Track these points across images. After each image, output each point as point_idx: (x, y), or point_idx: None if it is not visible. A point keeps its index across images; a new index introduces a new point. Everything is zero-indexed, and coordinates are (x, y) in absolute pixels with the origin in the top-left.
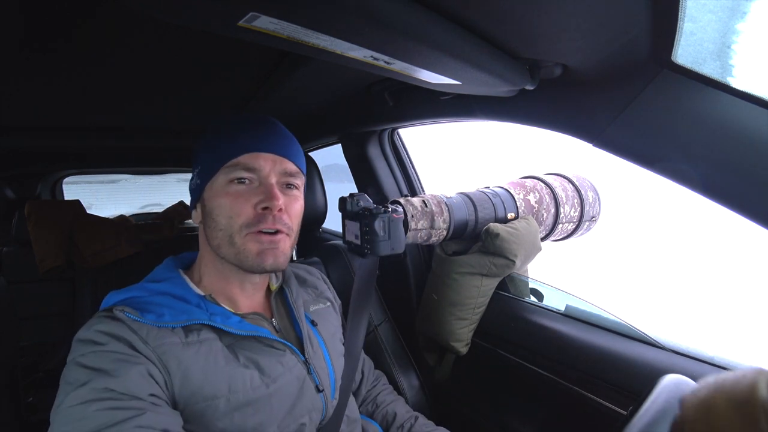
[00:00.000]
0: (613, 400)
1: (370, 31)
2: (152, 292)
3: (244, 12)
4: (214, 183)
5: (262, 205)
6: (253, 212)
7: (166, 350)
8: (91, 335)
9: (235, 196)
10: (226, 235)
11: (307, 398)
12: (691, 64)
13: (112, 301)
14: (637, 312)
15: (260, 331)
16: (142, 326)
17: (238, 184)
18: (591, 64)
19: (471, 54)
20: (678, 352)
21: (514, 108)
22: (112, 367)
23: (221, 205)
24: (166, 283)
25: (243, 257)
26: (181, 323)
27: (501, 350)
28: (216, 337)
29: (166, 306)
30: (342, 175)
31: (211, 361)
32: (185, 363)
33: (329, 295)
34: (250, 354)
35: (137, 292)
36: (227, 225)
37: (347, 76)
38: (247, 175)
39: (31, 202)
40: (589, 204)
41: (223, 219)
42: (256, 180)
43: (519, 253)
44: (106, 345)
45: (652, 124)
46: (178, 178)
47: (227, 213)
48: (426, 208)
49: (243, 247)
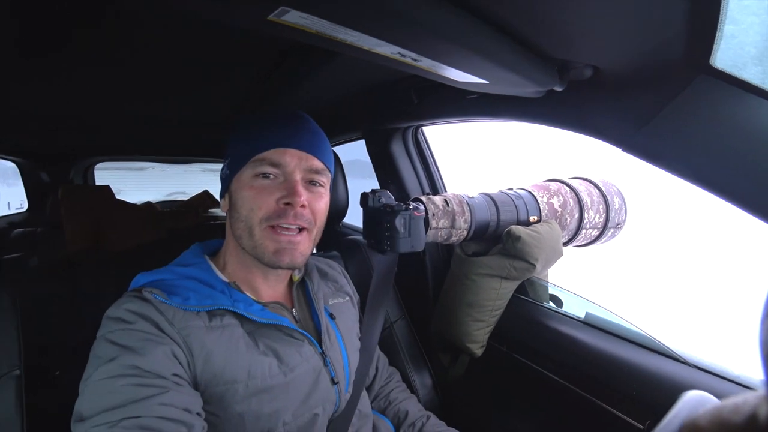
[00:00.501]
0: (629, 412)
1: (400, 28)
2: (179, 276)
3: (275, 6)
4: (241, 175)
5: (284, 200)
6: (274, 206)
7: (191, 332)
8: (121, 313)
9: (258, 190)
10: (246, 226)
11: (322, 389)
12: (730, 69)
13: (141, 282)
14: (663, 323)
15: (281, 320)
16: (168, 308)
17: (263, 178)
18: (623, 66)
19: (500, 53)
20: (702, 369)
21: (540, 109)
22: (139, 346)
23: (245, 197)
24: (193, 267)
25: (260, 252)
26: (205, 307)
27: (516, 354)
28: (238, 323)
29: (192, 290)
30: (364, 171)
31: (232, 346)
32: (208, 346)
33: (348, 290)
34: (270, 342)
35: (165, 275)
36: (248, 216)
37: (373, 72)
38: (272, 170)
39: (65, 186)
40: (615, 210)
41: (244, 210)
42: (281, 175)
43: (540, 257)
44: (134, 324)
45: (686, 130)
46: (203, 168)
47: (249, 205)
48: (447, 207)
49: (261, 242)
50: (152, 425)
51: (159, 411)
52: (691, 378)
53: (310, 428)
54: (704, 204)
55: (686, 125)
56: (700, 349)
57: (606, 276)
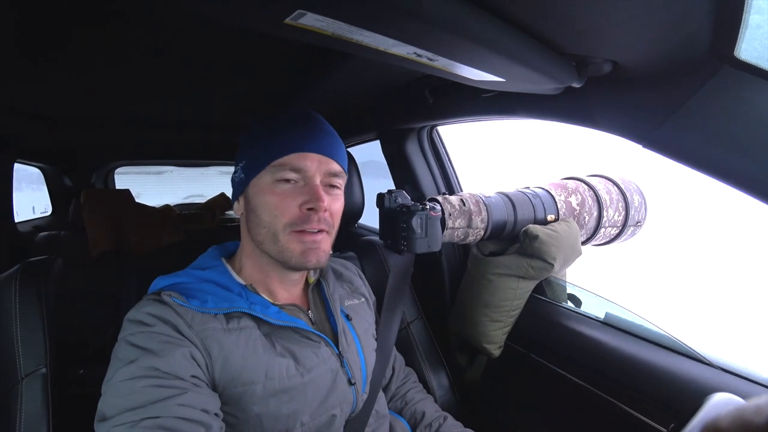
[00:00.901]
0: (652, 415)
1: (416, 28)
2: (197, 279)
3: (292, 9)
4: (260, 180)
5: (307, 206)
6: (297, 212)
7: (209, 335)
8: (141, 316)
9: (281, 196)
10: (269, 232)
11: (340, 390)
12: (756, 60)
13: (160, 285)
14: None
15: (297, 323)
16: (187, 311)
17: (284, 183)
18: (644, 60)
19: (517, 50)
20: (728, 371)
21: (558, 106)
22: (159, 348)
23: (267, 203)
24: (210, 271)
25: (287, 256)
26: (223, 310)
27: (534, 355)
28: (255, 325)
29: (209, 293)
30: (378, 171)
31: (250, 348)
32: (226, 348)
33: (364, 291)
34: (287, 344)
35: (184, 278)
36: (271, 223)
37: (388, 72)
38: (293, 175)
39: (87, 191)
40: (635, 208)
41: (267, 216)
42: (301, 180)
43: (558, 257)
44: (154, 327)
45: (709, 124)
46: (219, 171)
47: (272, 211)
48: (464, 206)
49: (287, 246)
50: (171, 425)
51: (178, 411)
52: (717, 380)
53: (327, 429)
54: (729, 201)
55: (710, 119)
56: (726, 350)
57: (628, 275)
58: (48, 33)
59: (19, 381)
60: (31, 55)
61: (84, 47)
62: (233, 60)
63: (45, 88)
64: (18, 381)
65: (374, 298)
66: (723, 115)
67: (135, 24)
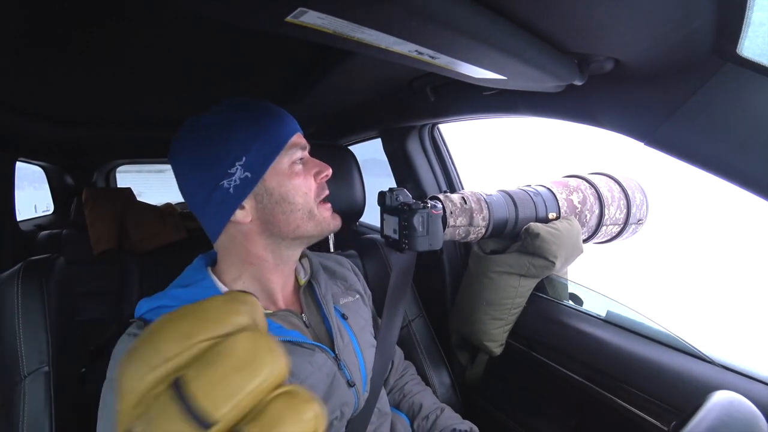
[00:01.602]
0: (653, 413)
1: (417, 26)
2: (180, 301)
3: (293, 7)
4: (278, 167)
5: (321, 176)
6: (315, 184)
7: None
8: (122, 349)
9: (303, 175)
10: (305, 211)
11: (339, 394)
12: (758, 57)
13: (143, 309)
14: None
15: (289, 335)
16: None
17: (298, 163)
18: (646, 58)
19: (518, 48)
20: (729, 369)
21: (560, 104)
22: None
23: (295, 185)
24: (193, 288)
25: (326, 225)
26: None
27: (536, 353)
28: None
29: None
30: (379, 170)
31: None
32: None
33: (359, 287)
34: None
35: (165, 301)
36: (305, 202)
37: (389, 70)
38: (303, 154)
39: (88, 189)
40: (636, 206)
41: (299, 197)
42: (303, 156)
43: (559, 255)
44: None
45: (712, 121)
46: None
47: (303, 190)
48: (465, 205)
49: (322, 216)
50: None
51: None
52: (719, 378)
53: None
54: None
55: (712, 117)
56: (728, 348)
57: (630, 273)
58: (49, 32)
59: (22, 379)
60: (33, 54)
61: (85, 46)
62: (234, 59)
63: (46, 87)
64: (21, 379)
65: (369, 293)
66: (725, 112)
67: (136, 23)
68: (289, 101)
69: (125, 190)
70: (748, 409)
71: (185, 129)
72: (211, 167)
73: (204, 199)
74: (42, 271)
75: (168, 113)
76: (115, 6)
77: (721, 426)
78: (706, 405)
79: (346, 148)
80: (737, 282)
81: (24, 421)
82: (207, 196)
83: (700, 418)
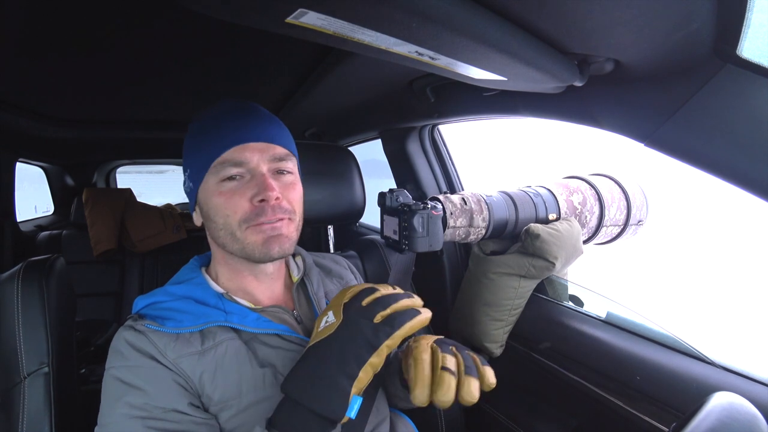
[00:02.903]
0: (654, 414)
1: (418, 27)
2: (174, 297)
3: (293, 8)
4: (206, 185)
5: (257, 198)
6: (249, 206)
7: (183, 360)
8: (120, 345)
9: (228, 195)
10: (227, 233)
11: None
12: (758, 59)
13: (140, 305)
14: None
15: (278, 328)
16: (161, 337)
17: (230, 181)
18: (646, 59)
19: (518, 49)
20: (729, 370)
21: (560, 105)
22: (143, 383)
23: (217, 205)
24: (187, 284)
25: (249, 250)
26: (198, 327)
27: (536, 354)
28: (234, 335)
29: (185, 311)
30: (379, 171)
31: (225, 365)
32: (200, 371)
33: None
34: (268, 350)
35: (161, 297)
36: (225, 223)
37: (389, 71)
38: (236, 170)
39: (88, 189)
40: (636, 207)
41: (220, 218)
42: (246, 173)
43: (559, 256)
44: (132, 359)
45: (711, 122)
46: None
47: (223, 212)
48: (465, 205)
49: (246, 240)
50: None
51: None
52: (718, 379)
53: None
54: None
55: (712, 118)
56: (728, 350)
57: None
58: (50, 33)
59: (22, 380)
60: (33, 55)
61: (85, 47)
62: (235, 60)
63: (47, 88)
64: (21, 380)
65: None
66: (726, 113)
67: (136, 24)
68: (289, 101)
69: (125, 190)
70: (748, 411)
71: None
72: (184, 170)
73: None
74: (42, 271)
75: (168, 114)
76: (115, 7)
77: (721, 427)
78: (706, 406)
79: (346, 148)
80: (737, 283)
81: (24, 422)
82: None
83: (700, 419)
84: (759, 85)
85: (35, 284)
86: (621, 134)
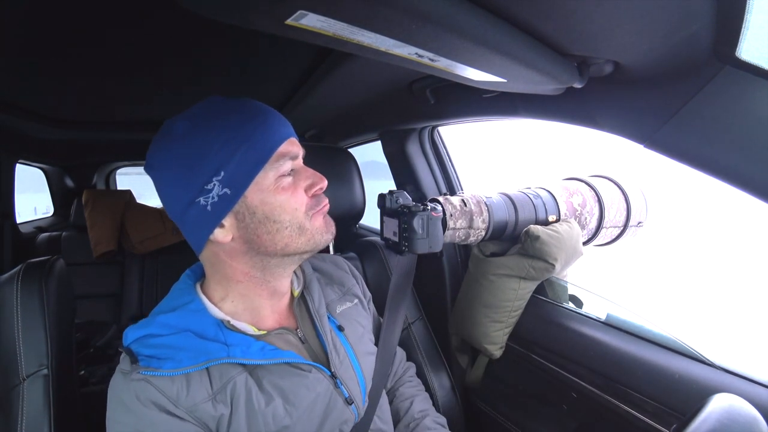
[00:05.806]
0: (654, 416)
1: (418, 28)
2: (169, 330)
3: (293, 10)
4: (262, 183)
5: (313, 189)
6: (307, 198)
7: (198, 409)
8: (124, 396)
9: (291, 190)
10: (294, 228)
11: (337, 413)
12: (757, 60)
13: (131, 338)
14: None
15: (285, 356)
16: (167, 383)
17: (285, 177)
18: (645, 61)
19: (518, 51)
20: (729, 371)
21: (560, 107)
22: None
23: (282, 202)
24: (181, 311)
25: (318, 237)
26: (199, 366)
27: (536, 356)
28: (240, 369)
29: (183, 348)
30: (379, 172)
31: (240, 406)
32: (216, 416)
33: (357, 291)
34: (275, 379)
35: (154, 329)
36: (293, 218)
37: (389, 73)
38: (293, 164)
39: (88, 191)
40: (636, 208)
41: (287, 215)
42: (292, 167)
43: (559, 257)
44: (141, 413)
45: (711, 124)
46: None
47: (291, 206)
48: (465, 207)
49: (314, 227)
50: None
51: None
52: (719, 381)
53: None
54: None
55: (711, 119)
56: (728, 351)
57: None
58: (50, 34)
59: (21, 382)
60: (33, 56)
61: (85, 49)
62: (235, 61)
63: (47, 89)
64: (20, 382)
65: (370, 295)
66: (725, 115)
67: (136, 25)
68: (289, 103)
69: (125, 192)
70: (748, 412)
71: (159, 136)
72: (186, 183)
73: (180, 214)
74: (42, 273)
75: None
76: (116, 9)
77: (722, 429)
78: (706, 408)
79: (346, 150)
80: (737, 284)
81: (23, 424)
82: (182, 212)
83: (701, 421)
84: (758, 87)
85: (35, 286)
86: (620, 136)
